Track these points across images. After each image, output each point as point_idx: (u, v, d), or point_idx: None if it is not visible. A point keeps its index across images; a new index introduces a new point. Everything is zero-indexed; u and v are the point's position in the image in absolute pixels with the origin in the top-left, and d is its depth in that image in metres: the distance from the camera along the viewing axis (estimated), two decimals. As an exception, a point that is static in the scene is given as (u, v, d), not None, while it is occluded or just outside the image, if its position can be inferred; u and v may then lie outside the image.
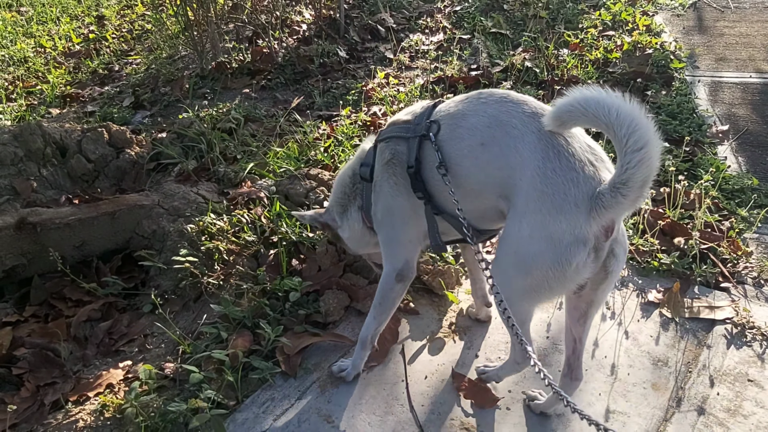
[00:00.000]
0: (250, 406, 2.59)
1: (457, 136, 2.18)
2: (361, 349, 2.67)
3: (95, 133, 4.28)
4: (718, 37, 6.24)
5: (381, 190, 2.44)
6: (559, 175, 1.92)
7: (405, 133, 2.33)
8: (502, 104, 2.13)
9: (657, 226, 3.35)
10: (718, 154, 4.20)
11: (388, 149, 2.39)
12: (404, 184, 2.35)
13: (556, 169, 1.93)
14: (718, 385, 2.60)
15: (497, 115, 2.10)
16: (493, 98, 2.16)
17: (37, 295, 3.40)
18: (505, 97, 2.16)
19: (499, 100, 2.15)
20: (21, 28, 8.18)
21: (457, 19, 6.89)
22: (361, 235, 2.72)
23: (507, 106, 2.11)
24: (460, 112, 2.21)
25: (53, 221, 3.43)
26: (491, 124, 2.10)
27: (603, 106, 1.77)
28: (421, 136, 2.26)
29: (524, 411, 2.53)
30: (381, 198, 2.45)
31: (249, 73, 6.00)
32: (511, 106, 2.10)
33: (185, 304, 3.23)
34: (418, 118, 2.33)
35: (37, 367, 2.89)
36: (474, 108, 2.18)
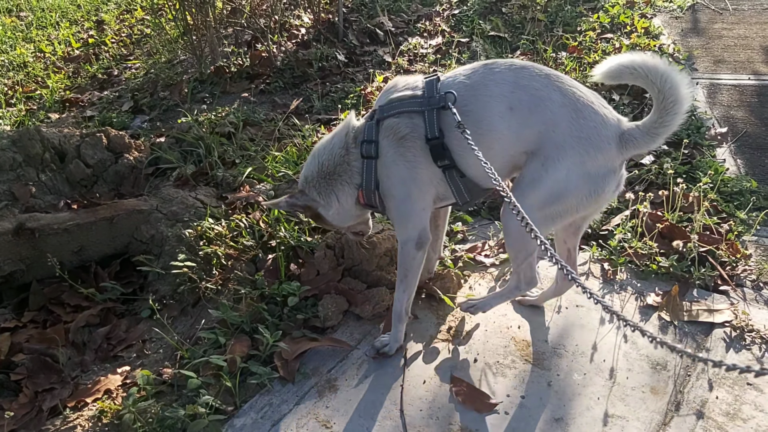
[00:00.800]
0: (248, 411, 2.58)
1: (483, 104, 2.37)
2: (399, 323, 2.78)
3: (94, 138, 4.29)
4: (717, 39, 6.24)
5: (394, 164, 2.50)
6: (590, 120, 2.31)
7: (418, 107, 2.42)
8: (515, 71, 2.39)
9: (656, 229, 3.34)
10: (717, 157, 4.19)
11: (403, 124, 2.46)
12: (423, 156, 2.46)
13: (586, 117, 2.31)
14: (717, 389, 2.59)
15: (516, 80, 2.36)
16: (505, 66, 2.40)
17: (35, 300, 3.40)
18: (513, 64, 2.41)
19: (510, 67, 2.40)
20: (21, 33, 8.20)
21: (456, 22, 6.89)
22: (348, 212, 2.73)
23: (521, 72, 2.38)
24: (478, 82, 2.40)
25: (51, 226, 3.43)
26: (514, 89, 2.35)
27: (653, 68, 2.21)
28: (440, 107, 2.38)
29: (523, 416, 2.52)
30: (395, 172, 2.52)
31: (248, 77, 6.00)
32: (525, 71, 2.38)
33: (183, 309, 3.23)
34: (428, 91, 2.44)
35: (35, 373, 2.89)
36: (491, 77, 2.40)
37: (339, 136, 2.66)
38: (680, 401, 2.55)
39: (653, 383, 2.64)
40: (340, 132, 2.68)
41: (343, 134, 2.64)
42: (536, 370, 2.73)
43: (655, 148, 2.53)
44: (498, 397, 2.60)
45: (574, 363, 2.74)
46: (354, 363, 2.80)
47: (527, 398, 2.60)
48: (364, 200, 2.64)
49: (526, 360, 2.78)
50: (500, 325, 2.98)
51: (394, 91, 2.56)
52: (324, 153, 2.66)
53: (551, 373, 2.71)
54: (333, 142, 2.67)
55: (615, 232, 3.44)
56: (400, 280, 2.73)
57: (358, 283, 3.19)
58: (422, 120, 2.41)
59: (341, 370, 2.77)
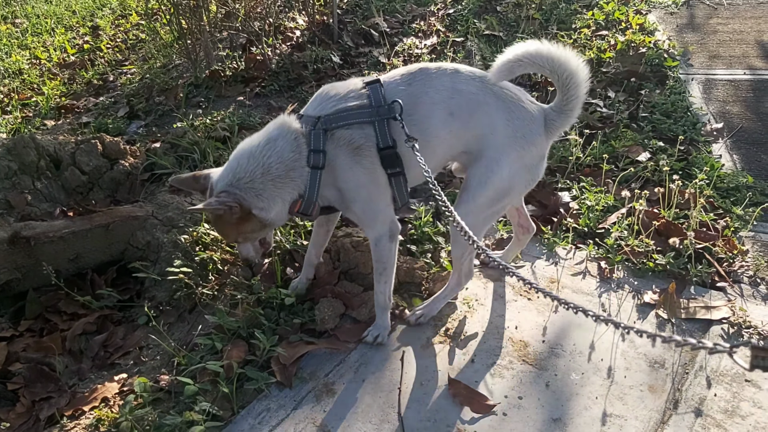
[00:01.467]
0: (246, 417, 2.58)
1: (426, 112, 2.53)
2: (384, 311, 2.90)
3: (89, 144, 4.28)
4: (712, 34, 6.24)
5: (351, 171, 2.54)
6: (522, 119, 2.57)
7: (368, 117, 2.49)
8: (451, 75, 2.56)
9: (652, 227, 3.34)
10: (713, 153, 4.19)
11: (357, 135, 2.50)
12: (378, 162, 2.54)
13: (519, 117, 2.57)
14: (715, 386, 2.59)
15: (453, 85, 2.54)
16: (442, 71, 2.57)
17: (32, 309, 3.39)
18: (445, 68, 2.58)
19: (445, 72, 2.57)
20: (16, 40, 8.19)
21: (451, 22, 6.88)
22: (282, 218, 2.65)
23: (457, 76, 2.56)
24: (418, 90, 2.53)
25: (47, 235, 3.43)
26: (453, 94, 2.53)
27: (544, 55, 2.46)
28: (390, 118, 2.47)
29: (521, 417, 2.52)
30: (352, 178, 2.56)
31: (243, 80, 5.99)
32: (460, 76, 2.56)
33: (180, 315, 3.23)
34: (375, 101, 2.50)
35: (32, 382, 2.89)
36: (430, 83, 2.54)
37: (285, 139, 2.53)
38: (678, 399, 2.55)
39: (651, 381, 2.63)
40: (284, 135, 2.55)
41: (291, 138, 2.53)
42: (534, 371, 2.72)
43: (571, 125, 2.73)
44: (496, 398, 2.59)
45: (572, 363, 2.74)
46: (351, 366, 2.80)
47: (525, 399, 2.59)
48: (300, 209, 2.60)
49: (523, 360, 2.78)
50: (497, 325, 2.98)
51: (335, 98, 2.56)
52: (271, 156, 2.50)
53: (549, 374, 2.70)
54: (279, 145, 2.52)
55: (611, 231, 3.44)
56: (380, 274, 2.80)
57: (354, 286, 3.18)
58: (373, 130, 2.49)
59: (338, 374, 2.76)
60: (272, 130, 2.58)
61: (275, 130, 2.57)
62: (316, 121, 2.51)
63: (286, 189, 2.55)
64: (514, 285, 3.23)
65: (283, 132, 2.55)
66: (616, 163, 4.07)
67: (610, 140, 4.30)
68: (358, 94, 2.55)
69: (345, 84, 2.63)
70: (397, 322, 3.01)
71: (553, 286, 3.19)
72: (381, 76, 2.64)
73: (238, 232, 2.61)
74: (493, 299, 3.14)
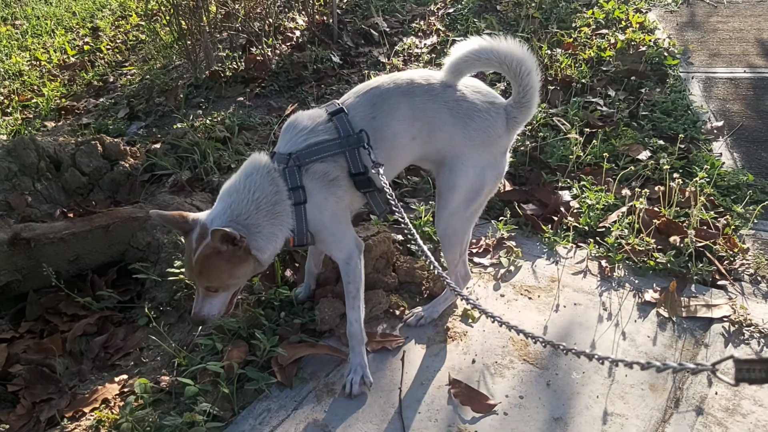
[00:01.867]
0: (247, 417, 2.57)
1: (390, 141, 2.60)
2: (360, 344, 2.71)
3: (89, 146, 4.28)
4: (712, 32, 6.23)
5: (326, 201, 2.56)
6: (479, 128, 2.61)
7: (339, 148, 2.52)
8: (409, 100, 2.58)
9: (652, 225, 3.33)
10: (713, 151, 4.18)
11: (331, 168, 2.54)
12: (348, 187, 2.59)
13: (476, 126, 2.61)
14: (716, 385, 2.58)
15: (412, 112, 2.59)
16: (397, 91, 2.59)
17: (32, 310, 3.39)
18: (399, 86, 2.60)
19: (402, 92, 2.59)
20: (16, 42, 8.19)
21: (451, 21, 6.88)
22: (267, 261, 2.55)
23: (413, 100, 2.59)
24: (380, 123, 2.57)
25: (47, 236, 3.43)
26: (413, 121, 2.60)
27: (492, 50, 2.51)
28: (360, 147, 2.52)
29: (522, 416, 2.51)
30: (326, 208, 2.57)
31: (243, 81, 5.99)
32: (416, 98, 2.59)
33: (181, 315, 3.22)
34: (343, 131, 2.53)
35: (32, 384, 2.89)
36: (391, 114, 2.58)
37: (260, 174, 2.48)
38: (679, 398, 2.54)
39: (652, 381, 2.63)
40: (258, 170, 2.50)
41: (264, 172, 2.48)
42: (535, 370, 2.72)
43: (532, 117, 2.80)
44: (497, 398, 2.59)
45: (573, 362, 2.73)
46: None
47: (526, 398, 2.59)
48: (295, 243, 2.58)
49: (524, 360, 2.78)
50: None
51: (303, 132, 2.56)
52: (255, 191, 2.45)
53: (550, 373, 2.70)
54: (257, 179, 2.47)
55: (612, 229, 3.43)
56: (353, 297, 2.69)
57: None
58: (345, 160, 2.54)
59: (339, 375, 2.76)
60: (247, 167, 2.55)
61: (250, 166, 2.54)
62: (288, 158, 2.49)
63: (278, 225, 2.48)
64: (515, 284, 3.23)
65: (256, 167, 2.51)
66: (617, 162, 4.06)
67: (611, 139, 4.29)
68: (326, 127, 2.56)
69: (310, 115, 2.63)
70: (402, 330, 3.01)
71: (554, 285, 3.19)
72: (339, 101, 2.67)
73: (230, 275, 2.44)
74: (494, 299, 3.14)
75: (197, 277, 2.42)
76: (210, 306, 2.49)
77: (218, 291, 2.47)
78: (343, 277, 2.69)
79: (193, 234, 2.41)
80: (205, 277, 2.41)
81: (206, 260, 2.36)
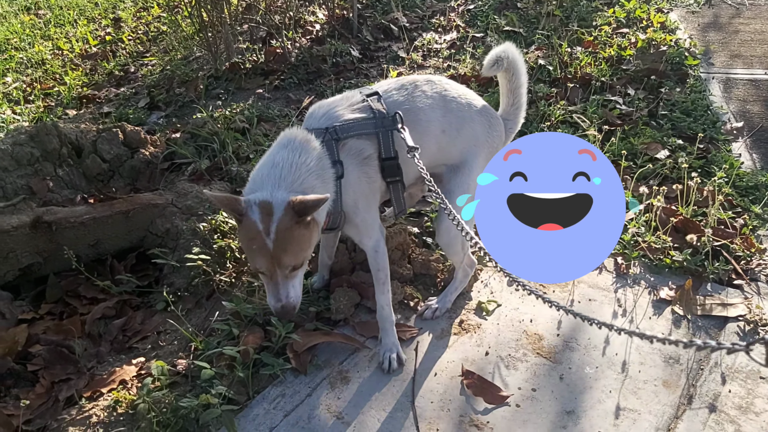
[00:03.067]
0: (261, 401, 2.61)
1: (423, 129, 2.65)
2: (391, 327, 2.78)
3: (110, 133, 4.33)
4: (733, 34, 6.19)
5: (359, 182, 2.55)
6: (496, 132, 2.85)
7: (373, 128, 2.53)
8: (443, 95, 2.73)
9: (669, 223, 3.32)
10: (732, 151, 4.16)
11: (366, 146, 2.54)
12: (377, 170, 2.60)
13: (494, 130, 2.83)
14: (729, 383, 2.58)
15: (445, 104, 2.72)
16: (435, 89, 2.73)
17: (52, 292, 3.44)
18: (434, 83, 2.77)
19: (439, 90, 2.74)
20: (39, 31, 8.28)
21: (471, 17, 6.88)
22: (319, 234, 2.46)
23: (447, 95, 2.74)
24: (415, 106, 2.65)
25: (68, 220, 3.48)
26: (444, 113, 2.71)
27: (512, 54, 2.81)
28: (393, 129, 2.53)
29: (534, 409, 2.53)
30: (359, 189, 2.56)
31: (262, 73, 6.02)
32: (451, 93, 2.76)
33: (198, 301, 3.26)
34: (377, 112, 2.55)
35: (51, 364, 2.93)
36: (424, 101, 2.67)
37: (301, 142, 2.42)
38: (693, 395, 2.54)
39: (666, 377, 2.63)
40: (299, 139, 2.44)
41: (305, 141, 2.42)
42: (548, 364, 2.73)
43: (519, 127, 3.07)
44: (509, 390, 2.60)
45: (586, 356, 2.74)
46: (366, 355, 2.82)
47: (539, 391, 2.60)
48: (329, 223, 2.51)
49: (538, 353, 2.78)
50: (512, 318, 2.98)
51: (340, 109, 2.57)
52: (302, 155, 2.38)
53: (563, 367, 2.71)
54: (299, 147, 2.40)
55: (628, 226, 3.43)
56: (382, 283, 2.73)
57: (370, 276, 3.18)
58: (377, 141, 2.55)
59: (353, 362, 2.79)
60: (282, 139, 2.48)
61: (286, 138, 2.47)
62: (324, 131, 2.48)
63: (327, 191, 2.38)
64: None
65: (292, 139, 2.44)
66: (635, 160, 4.05)
67: (629, 137, 4.28)
68: (361, 107, 2.58)
69: (344, 96, 2.67)
70: (416, 321, 3.03)
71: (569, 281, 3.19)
72: (374, 87, 2.73)
73: (309, 245, 2.33)
74: (509, 292, 3.15)
75: (280, 256, 2.21)
76: (294, 289, 2.32)
77: (298, 268, 2.31)
78: (372, 264, 2.73)
79: (253, 215, 2.20)
80: (290, 253, 2.23)
81: (286, 234, 2.19)
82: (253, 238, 2.20)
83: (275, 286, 2.28)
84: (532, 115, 4.62)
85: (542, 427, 2.45)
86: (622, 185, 1.96)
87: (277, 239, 2.17)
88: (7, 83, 6.62)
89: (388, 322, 2.77)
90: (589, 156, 1.90)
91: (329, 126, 2.50)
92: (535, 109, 4.68)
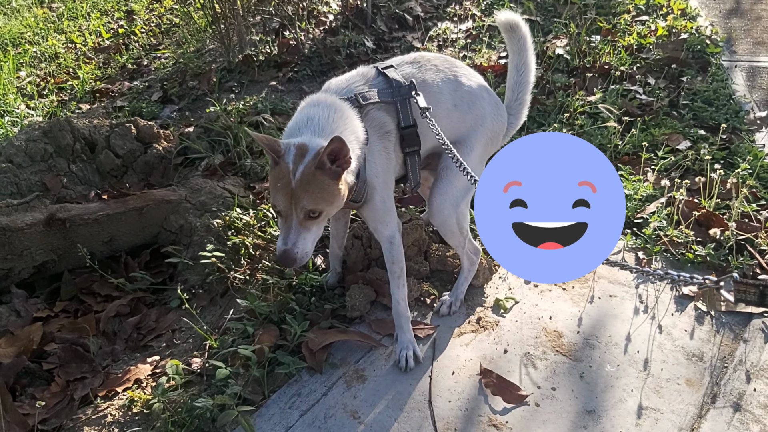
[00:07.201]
0: (277, 401, 2.57)
1: (436, 101, 2.60)
2: (406, 323, 2.74)
3: (123, 128, 4.31)
4: (756, 20, 6.05)
5: (379, 155, 2.53)
6: (500, 115, 2.84)
7: (391, 97, 2.52)
8: (454, 71, 2.72)
9: (692, 217, 3.25)
10: (756, 142, 4.06)
11: (387, 119, 2.52)
12: (395, 145, 2.58)
13: (497, 114, 2.82)
14: (754, 381, 2.52)
15: (455, 79, 2.70)
16: (446, 65, 2.72)
17: (66, 290, 3.43)
18: (448, 61, 2.76)
19: (449, 66, 2.73)
20: (52, 25, 8.28)
21: (487, 6, 6.78)
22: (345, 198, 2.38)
23: (458, 71, 2.73)
24: (428, 79, 2.63)
25: (82, 217, 3.46)
26: (455, 88, 2.69)
27: (525, 37, 2.86)
28: (410, 97, 2.51)
29: (554, 408, 2.47)
30: (379, 163, 2.53)
31: (276, 65, 5.98)
32: (462, 71, 2.75)
33: (212, 299, 3.24)
34: (394, 82, 2.53)
35: (66, 362, 2.92)
36: (435, 75, 2.66)
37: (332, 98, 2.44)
38: (716, 393, 2.48)
39: (689, 375, 2.57)
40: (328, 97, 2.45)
41: (344, 107, 2.42)
42: (568, 362, 2.68)
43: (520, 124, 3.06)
44: (528, 389, 2.56)
45: (607, 354, 2.69)
46: (382, 354, 2.78)
47: (558, 390, 2.55)
48: (353, 195, 2.43)
49: (557, 351, 2.73)
50: (531, 315, 2.93)
51: (357, 81, 2.55)
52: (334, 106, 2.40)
53: (583, 365, 2.65)
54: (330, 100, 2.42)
55: (650, 220, 3.36)
56: (398, 277, 2.68)
57: (385, 273, 3.13)
58: (395, 111, 2.53)
59: (369, 361, 2.75)
60: (309, 101, 2.48)
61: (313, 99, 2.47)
62: (348, 99, 2.47)
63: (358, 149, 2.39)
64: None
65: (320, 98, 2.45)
66: (656, 152, 3.97)
67: (650, 128, 4.20)
68: (377, 81, 2.57)
69: (358, 71, 2.64)
70: (432, 319, 2.99)
71: (589, 276, 3.13)
72: (386, 62, 2.69)
73: (333, 196, 2.26)
74: (528, 288, 3.09)
75: (300, 195, 2.17)
76: (304, 242, 2.24)
77: (318, 218, 2.24)
78: (387, 257, 2.68)
79: (287, 157, 2.19)
80: (310, 194, 2.18)
81: (311, 177, 2.17)
82: (281, 177, 2.20)
83: (287, 230, 2.23)
84: (551, 106, 4.54)
85: (562, 427, 2.40)
86: (622, 185, 1.91)
87: (302, 179, 2.17)
88: (21, 78, 6.62)
89: (403, 318, 2.73)
90: (589, 188, 1.84)
91: (350, 95, 2.48)
92: (553, 99, 4.60)
